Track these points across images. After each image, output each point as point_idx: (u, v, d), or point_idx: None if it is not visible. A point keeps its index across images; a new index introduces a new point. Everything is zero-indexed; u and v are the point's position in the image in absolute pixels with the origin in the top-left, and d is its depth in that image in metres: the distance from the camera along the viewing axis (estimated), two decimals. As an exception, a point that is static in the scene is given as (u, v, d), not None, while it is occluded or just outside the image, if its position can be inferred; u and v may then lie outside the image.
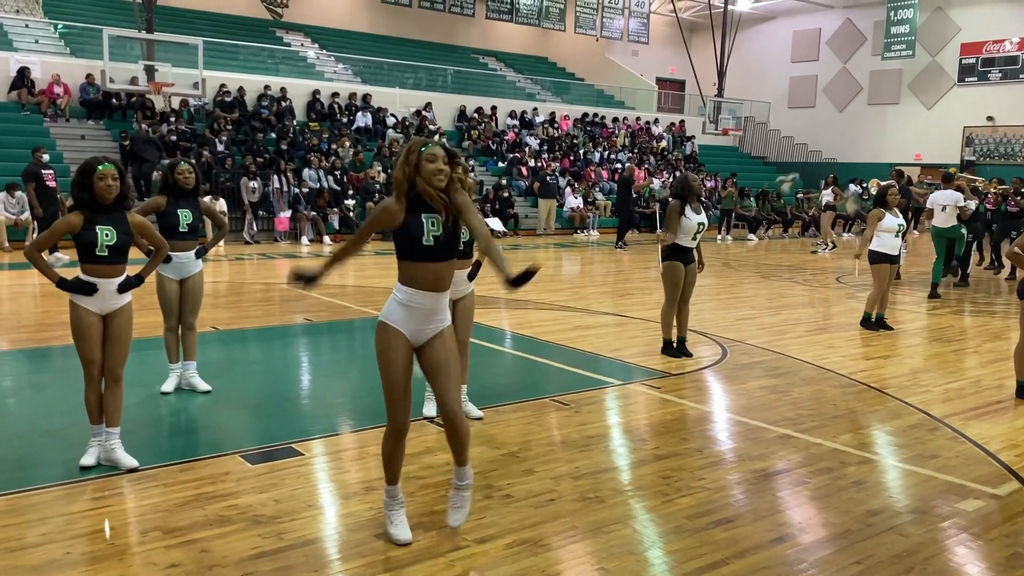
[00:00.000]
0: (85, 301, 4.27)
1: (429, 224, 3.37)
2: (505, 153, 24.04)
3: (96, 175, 4.19)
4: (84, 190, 4.22)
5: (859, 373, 6.89)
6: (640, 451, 4.87)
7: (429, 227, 3.37)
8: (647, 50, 32.13)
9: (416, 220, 3.37)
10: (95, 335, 4.29)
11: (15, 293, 10.67)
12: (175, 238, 5.55)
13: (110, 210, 4.26)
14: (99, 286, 4.26)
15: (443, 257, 3.43)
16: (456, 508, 3.63)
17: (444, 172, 3.37)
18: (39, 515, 3.76)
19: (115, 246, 4.24)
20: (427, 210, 3.39)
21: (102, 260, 4.24)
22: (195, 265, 5.76)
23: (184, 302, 5.76)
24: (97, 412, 4.36)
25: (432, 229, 3.38)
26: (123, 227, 4.28)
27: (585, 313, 9.52)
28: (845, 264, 15.68)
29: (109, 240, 4.22)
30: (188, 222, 5.64)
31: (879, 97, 29.96)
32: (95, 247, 4.20)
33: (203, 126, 19.46)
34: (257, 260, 14.54)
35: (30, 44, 20.14)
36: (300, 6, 26.93)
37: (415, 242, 3.37)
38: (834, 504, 4.11)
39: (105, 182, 4.20)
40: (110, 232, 4.22)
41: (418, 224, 3.37)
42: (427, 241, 3.37)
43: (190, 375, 5.89)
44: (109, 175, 4.21)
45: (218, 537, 3.57)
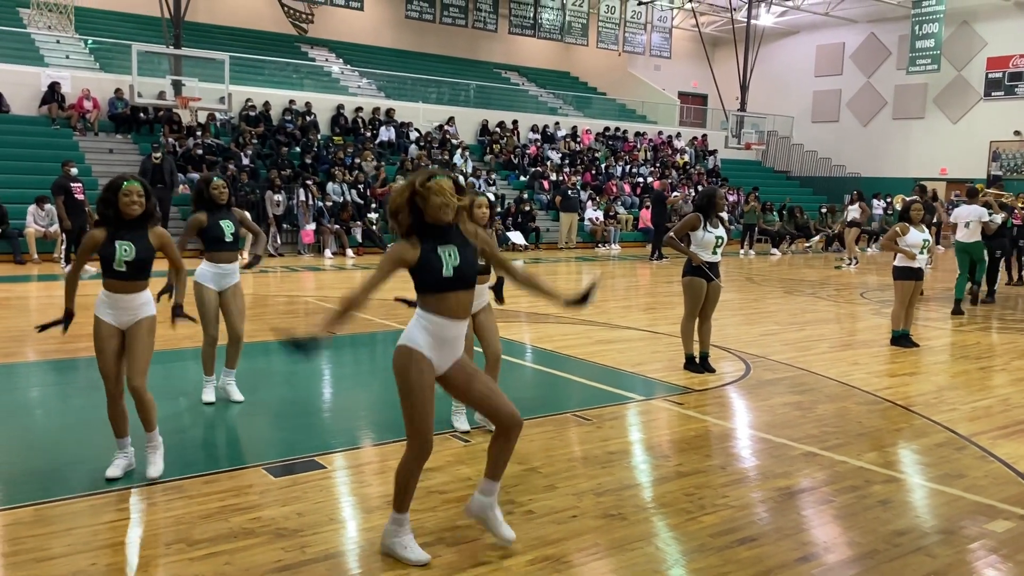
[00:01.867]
0: (105, 314, 4.32)
1: (446, 256, 3.35)
2: (527, 167, 24.10)
3: (121, 191, 4.25)
4: (109, 206, 4.28)
5: (884, 390, 6.81)
6: (663, 468, 4.84)
7: (447, 259, 3.34)
8: (669, 64, 32.16)
9: (432, 255, 3.34)
10: (112, 350, 4.33)
11: (43, 304, 10.81)
12: (221, 249, 5.73)
13: (133, 226, 4.31)
14: (118, 301, 4.32)
15: (464, 285, 3.41)
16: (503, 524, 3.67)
17: (451, 206, 3.31)
18: (65, 526, 3.80)
19: (133, 262, 4.28)
20: (441, 241, 3.36)
21: (120, 275, 4.29)
22: (234, 276, 5.86)
23: (228, 312, 5.84)
24: (120, 426, 4.39)
25: (450, 260, 3.35)
26: (143, 243, 4.32)
27: (607, 327, 9.50)
28: (869, 280, 15.55)
29: (127, 255, 4.26)
30: (232, 231, 5.76)
31: (904, 111, 29.76)
32: (113, 261, 4.26)
33: (229, 140, 19.69)
34: (281, 273, 14.65)
35: (61, 60, 20.50)
36: (325, 22, 27.24)
37: (435, 276, 3.34)
38: (860, 523, 4.06)
39: (130, 198, 4.25)
40: (129, 247, 4.27)
41: (435, 259, 3.33)
42: (447, 273, 3.34)
43: (227, 382, 5.97)
44: (134, 192, 4.26)
45: (241, 550, 3.58)
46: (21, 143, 17.68)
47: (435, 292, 3.38)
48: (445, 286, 3.36)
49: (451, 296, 3.39)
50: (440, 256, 3.34)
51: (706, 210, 7.05)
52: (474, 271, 3.43)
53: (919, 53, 27.82)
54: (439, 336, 3.41)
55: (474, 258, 3.43)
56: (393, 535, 3.55)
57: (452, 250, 3.36)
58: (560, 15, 27.59)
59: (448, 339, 3.43)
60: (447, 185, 3.32)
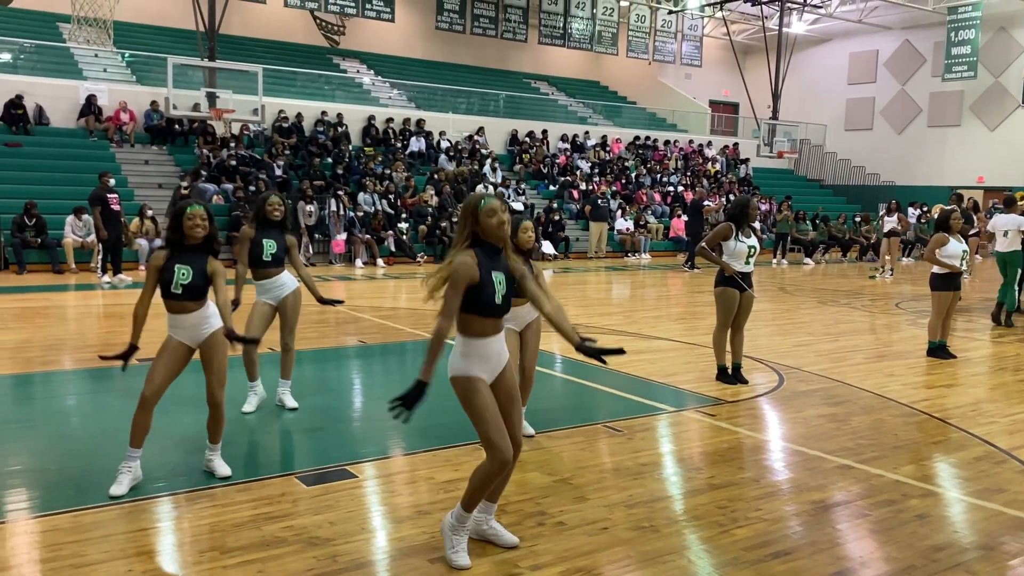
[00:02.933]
0: (173, 331, 4.44)
1: (498, 283, 3.45)
2: (556, 176, 24.11)
3: (185, 216, 4.37)
4: (175, 231, 4.40)
5: (921, 402, 6.70)
6: (695, 480, 4.80)
7: (499, 288, 3.45)
8: (700, 73, 32.04)
9: (488, 280, 3.43)
10: (166, 359, 4.40)
11: (81, 314, 10.99)
12: (259, 266, 5.83)
13: (195, 251, 4.42)
14: (177, 320, 4.42)
15: (506, 311, 3.55)
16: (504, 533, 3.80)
17: (506, 223, 3.47)
18: (101, 532, 3.85)
19: (189, 286, 4.36)
20: (493, 267, 3.46)
21: (176, 297, 4.38)
22: (287, 287, 5.95)
23: (281, 322, 5.96)
24: (139, 436, 4.40)
25: (500, 289, 3.46)
26: (201, 268, 4.40)
27: (637, 337, 9.45)
28: (904, 290, 15.33)
29: (184, 279, 4.35)
30: (272, 252, 5.82)
31: (939, 119, 29.36)
32: (171, 284, 4.35)
33: (262, 151, 19.93)
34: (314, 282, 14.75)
35: (99, 73, 20.91)
36: (356, 33, 27.52)
37: (488, 301, 3.44)
38: (896, 538, 4.00)
39: (193, 222, 4.37)
40: (187, 272, 4.36)
41: (490, 284, 3.43)
42: (499, 301, 3.47)
43: (282, 391, 6.10)
44: (197, 215, 4.38)
45: (274, 558, 3.60)
46: (60, 155, 18.05)
47: (482, 316, 3.47)
48: (493, 312, 3.48)
49: (494, 321, 3.52)
50: (494, 282, 3.44)
51: (738, 220, 6.99)
52: (511, 299, 3.56)
53: (955, 60, 27.44)
54: (482, 355, 3.52)
55: (513, 286, 3.55)
56: (451, 529, 3.64)
57: (502, 278, 3.47)
58: (590, 25, 27.60)
59: (491, 355, 3.54)
60: (498, 204, 3.46)
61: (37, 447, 5.20)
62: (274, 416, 5.92)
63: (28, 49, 20.60)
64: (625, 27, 28.27)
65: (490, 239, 3.46)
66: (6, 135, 17.94)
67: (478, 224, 3.45)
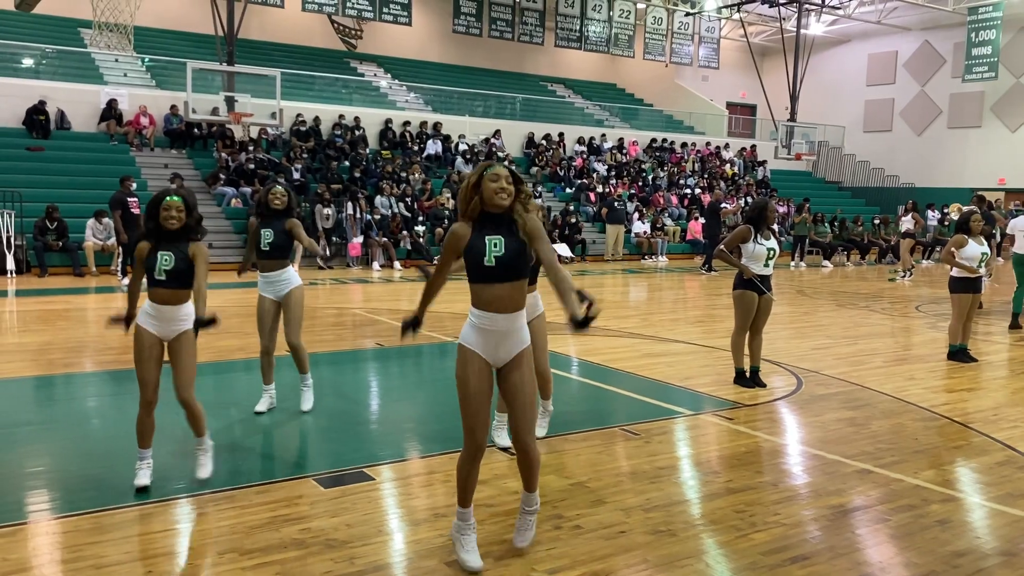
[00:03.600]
0: (147, 323, 4.44)
1: (491, 245, 3.40)
2: (573, 179, 24.10)
3: (162, 206, 4.39)
4: (151, 219, 4.44)
5: (941, 406, 6.64)
6: (712, 484, 4.77)
7: (491, 248, 3.40)
8: (717, 75, 31.94)
9: (479, 241, 3.42)
10: (152, 358, 4.45)
11: (101, 316, 11.08)
12: (260, 257, 5.84)
13: (175, 238, 4.44)
14: (161, 311, 4.44)
15: (506, 278, 3.44)
16: (522, 531, 3.73)
17: (507, 191, 3.41)
18: (122, 533, 3.88)
19: (171, 271, 4.39)
20: (491, 231, 3.43)
21: (160, 283, 4.41)
22: (289, 283, 5.91)
23: (285, 320, 5.93)
24: (146, 436, 4.48)
25: (494, 250, 3.40)
26: (182, 254, 4.43)
27: (655, 340, 9.42)
28: (924, 292, 15.20)
29: (167, 265, 4.39)
30: (268, 241, 5.82)
31: (960, 120, 29.11)
32: (154, 271, 4.40)
33: (280, 155, 20.04)
34: (330, 285, 14.83)
35: (119, 78, 21.12)
36: (374, 37, 27.64)
37: (478, 263, 3.42)
38: (917, 543, 3.96)
39: (169, 212, 4.38)
40: (169, 257, 4.40)
41: (481, 245, 3.41)
42: (488, 261, 3.40)
43: (302, 388, 6.11)
44: (174, 207, 4.40)
45: (292, 560, 3.62)
46: (81, 159, 18.24)
47: (478, 282, 3.46)
48: (486, 275, 3.43)
49: (493, 288, 3.44)
50: (486, 243, 3.41)
51: (757, 222, 6.95)
52: (519, 264, 3.45)
53: (975, 60, 27.18)
54: (487, 330, 3.48)
55: (519, 251, 3.44)
56: (456, 530, 3.65)
57: (499, 240, 3.42)
58: (606, 27, 27.58)
59: (497, 332, 3.48)
60: (502, 171, 3.43)
61: (58, 449, 5.25)
62: (291, 418, 5.95)
63: (50, 54, 20.84)
64: (642, 29, 28.23)
65: (489, 205, 3.42)
66: (28, 139, 18.14)
67: (480, 189, 3.43)
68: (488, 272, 3.42)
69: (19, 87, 18.57)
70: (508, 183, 3.42)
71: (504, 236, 3.42)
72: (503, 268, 3.42)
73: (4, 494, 4.37)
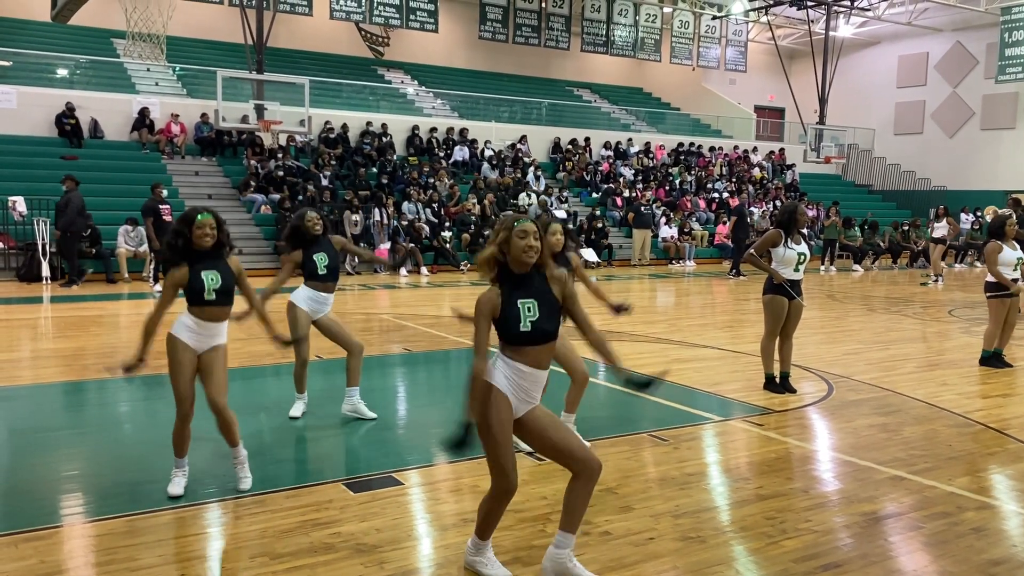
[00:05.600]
0: (185, 336, 4.44)
1: (525, 310, 3.30)
2: (599, 184, 24.06)
3: (195, 225, 4.39)
4: (180, 236, 4.40)
5: (976, 412, 6.54)
6: (743, 490, 4.74)
7: (525, 313, 3.30)
8: (745, 78, 31.74)
9: (512, 307, 3.30)
10: (190, 371, 4.46)
11: (133, 322, 11.24)
12: (317, 280, 5.87)
13: (210, 256, 4.45)
14: (205, 327, 4.45)
15: (542, 341, 3.34)
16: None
17: (535, 248, 3.30)
18: (155, 537, 3.93)
19: (221, 289, 4.43)
20: (523, 294, 3.32)
21: (211, 303, 4.43)
22: (328, 305, 5.99)
23: (337, 332, 5.98)
24: (183, 447, 4.52)
25: (528, 315, 3.30)
26: (226, 270, 4.47)
27: (683, 346, 9.37)
28: (957, 297, 14.99)
29: (215, 284, 4.41)
30: (326, 264, 5.85)
31: (993, 122, 28.68)
32: (204, 292, 4.39)
33: (308, 162, 20.22)
34: (358, 291, 14.92)
35: (151, 87, 21.44)
36: (400, 44, 27.81)
37: (513, 330, 3.32)
38: (951, 552, 3.90)
39: (203, 230, 4.39)
40: (215, 276, 4.42)
41: (514, 311, 3.30)
42: (524, 327, 3.30)
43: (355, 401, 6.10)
44: (207, 224, 4.40)
45: (322, 564, 3.64)
46: (113, 167, 18.53)
47: (512, 344, 3.35)
48: (522, 340, 3.33)
49: (529, 351, 3.34)
50: (519, 309, 3.30)
51: (787, 226, 6.90)
52: (554, 327, 3.37)
53: (1009, 61, 26.76)
54: (516, 382, 3.37)
55: (555, 313, 3.36)
56: (473, 555, 3.60)
57: (532, 304, 3.31)
58: (633, 31, 27.53)
59: (525, 387, 3.38)
60: (530, 227, 3.32)
61: (92, 453, 5.34)
62: (320, 423, 5.99)
63: (84, 64, 21.20)
64: (668, 33, 28.14)
65: (515, 265, 3.32)
66: (63, 148, 18.47)
67: (508, 244, 3.31)
68: (524, 337, 3.32)
69: (54, 97, 18.91)
70: (536, 239, 3.30)
71: (536, 299, 3.31)
72: (539, 333, 3.32)
73: (40, 498, 4.45)
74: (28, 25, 22.25)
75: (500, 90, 26.90)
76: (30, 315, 11.74)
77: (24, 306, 12.46)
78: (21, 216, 15.17)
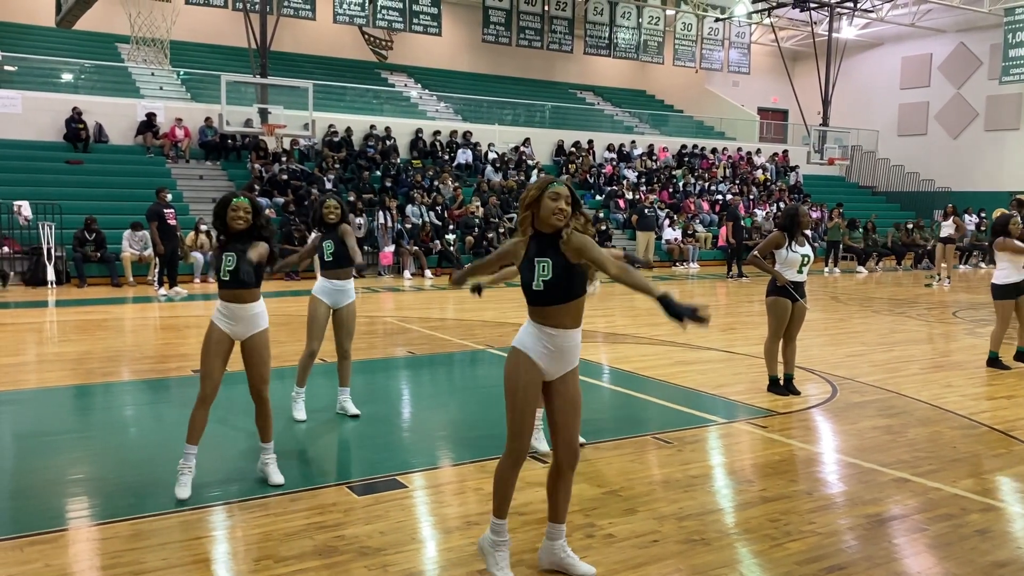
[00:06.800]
0: (220, 321, 4.54)
1: (540, 269, 3.36)
2: (603, 186, 24.05)
3: (230, 206, 4.49)
4: (218, 219, 4.54)
5: (981, 414, 6.53)
6: (746, 492, 4.73)
7: (540, 272, 3.36)
8: (748, 80, 31.73)
9: (529, 263, 3.40)
10: (220, 352, 4.52)
11: (138, 326, 11.28)
12: (325, 267, 6.03)
13: (241, 239, 4.51)
14: (230, 310, 4.53)
15: (556, 300, 3.38)
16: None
17: (564, 212, 3.35)
18: (160, 540, 3.94)
19: (235, 270, 4.48)
20: (540, 253, 3.39)
21: (225, 284, 4.53)
22: (348, 295, 6.07)
23: (338, 330, 6.09)
24: (196, 430, 4.54)
25: (542, 274, 3.36)
26: (243, 254, 4.49)
27: (687, 348, 9.37)
28: (962, 298, 14.96)
29: (230, 265, 4.48)
30: (331, 251, 5.98)
31: (997, 123, 28.62)
32: (220, 272, 4.52)
33: (312, 165, 20.25)
34: (362, 293, 14.93)
35: (155, 91, 21.50)
36: (404, 48, 27.84)
37: (528, 286, 3.41)
38: (956, 553, 3.90)
39: (237, 213, 4.48)
40: (232, 259, 4.48)
41: (530, 268, 3.39)
42: (537, 286, 3.37)
43: (343, 399, 6.21)
44: (242, 208, 4.49)
45: (327, 567, 3.65)
46: (118, 171, 18.58)
47: (530, 303, 3.45)
48: (536, 298, 3.41)
49: (545, 310, 3.41)
50: (535, 267, 3.38)
51: (790, 228, 6.90)
52: (569, 285, 3.38)
53: (1013, 62, 26.70)
54: (544, 344, 3.42)
55: (567, 272, 3.37)
56: (490, 544, 3.58)
57: (546, 263, 3.36)
58: (636, 34, 27.53)
59: (553, 349, 3.42)
60: (563, 191, 3.39)
61: (97, 456, 5.35)
62: (325, 426, 6.00)
63: (88, 69, 21.27)
64: (671, 36, 28.14)
65: (542, 225, 3.39)
66: (68, 153, 18.53)
67: (538, 204, 3.37)
68: (538, 295, 3.39)
69: (59, 102, 18.98)
70: (567, 203, 3.36)
71: (551, 258, 3.36)
72: (552, 291, 3.37)
73: (45, 501, 4.46)
74: (32, 30, 22.33)
75: (503, 93, 26.91)
76: (35, 319, 11.78)
77: (29, 310, 12.50)
78: (26, 220, 15.22)
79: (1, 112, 18.28)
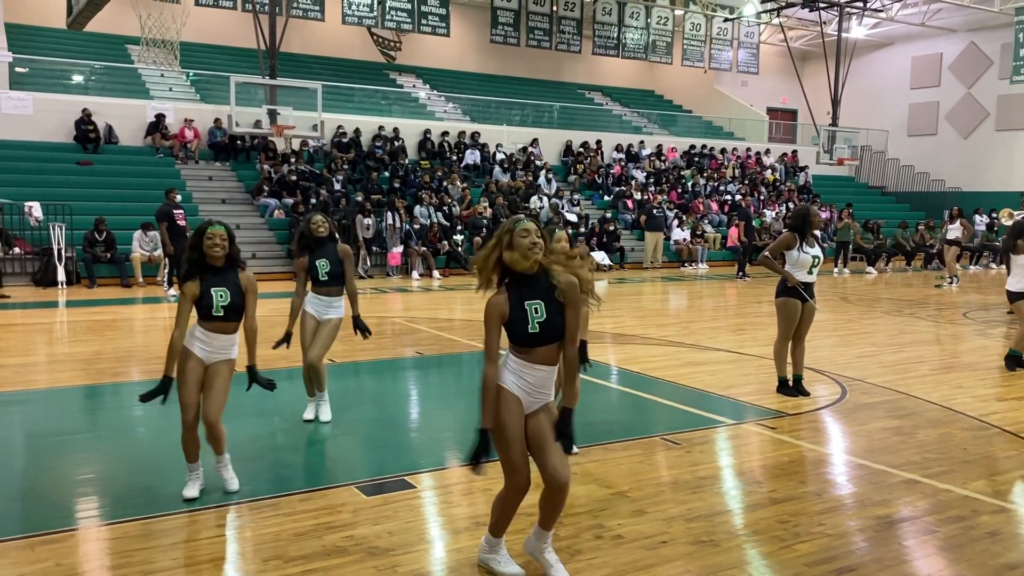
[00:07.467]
0: (195, 347, 4.48)
1: (532, 311, 3.34)
2: (611, 187, 24.03)
3: (206, 235, 4.42)
4: (195, 250, 4.45)
5: (992, 416, 6.49)
6: (755, 494, 4.72)
7: (532, 314, 3.33)
8: (757, 80, 31.65)
9: (519, 309, 3.34)
10: (194, 380, 4.47)
11: (147, 326, 11.32)
12: (319, 285, 5.98)
13: (222, 271, 4.47)
14: (213, 339, 4.49)
15: (550, 340, 3.38)
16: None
17: (539, 244, 3.33)
18: (169, 540, 3.96)
19: (229, 306, 4.46)
20: (530, 296, 3.35)
21: (219, 319, 4.47)
22: (337, 311, 6.06)
23: (315, 337, 6.03)
24: (193, 452, 4.55)
25: (536, 316, 3.33)
26: (235, 287, 4.48)
27: (695, 349, 9.35)
28: (972, 298, 14.89)
29: (224, 301, 4.44)
30: (327, 270, 5.95)
31: (1008, 122, 28.47)
32: (212, 308, 4.44)
33: (321, 166, 20.30)
34: (371, 294, 14.95)
35: (165, 92, 21.59)
36: (412, 48, 27.87)
37: (522, 332, 3.36)
38: (966, 555, 3.88)
39: (213, 240, 4.41)
40: (224, 293, 4.44)
41: (522, 314, 3.33)
42: (532, 329, 3.34)
43: (319, 404, 6.17)
44: (217, 235, 4.43)
45: (335, 568, 3.66)
46: (128, 172, 18.66)
47: (521, 345, 3.40)
48: (531, 341, 3.38)
49: (538, 351, 3.40)
50: (527, 311, 3.34)
51: (801, 229, 6.88)
52: (563, 325, 3.38)
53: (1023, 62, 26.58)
54: (527, 380, 3.42)
55: (561, 313, 3.36)
56: (487, 552, 3.65)
57: (539, 305, 3.34)
58: (644, 34, 27.49)
59: (535, 384, 3.43)
60: (531, 226, 3.36)
61: (107, 456, 5.37)
62: (332, 427, 6.01)
63: (98, 71, 21.36)
64: (680, 36, 28.09)
65: (517, 265, 3.33)
66: (78, 154, 18.62)
67: (511, 247, 3.33)
68: (533, 339, 3.36)
69: (69, 103, 19.08)
70: (538, 236, 3.34)
71: (543, 300, 3.33)
72: (547, 333, 3.35)
73: (56, 501, 4.48)
74: (44, 32, 22.44)
75: (512, 93, 26.92)
76: (46, 319, 11.84)
77: (40, 310, 12.57)
78: (37, 221, 15.30)
79: (12, 113, 18.40)
